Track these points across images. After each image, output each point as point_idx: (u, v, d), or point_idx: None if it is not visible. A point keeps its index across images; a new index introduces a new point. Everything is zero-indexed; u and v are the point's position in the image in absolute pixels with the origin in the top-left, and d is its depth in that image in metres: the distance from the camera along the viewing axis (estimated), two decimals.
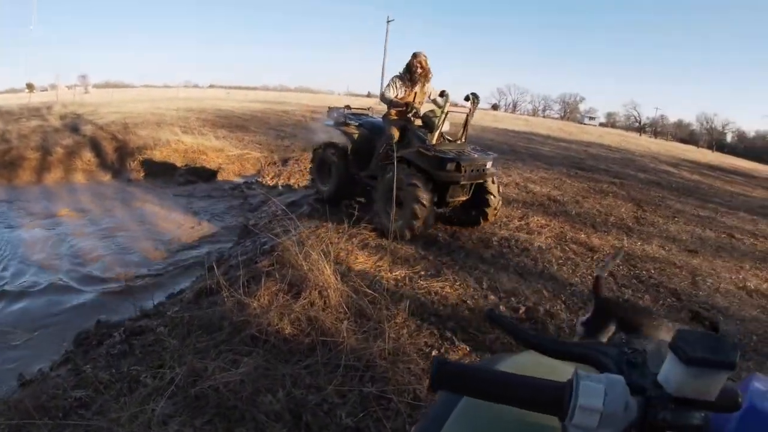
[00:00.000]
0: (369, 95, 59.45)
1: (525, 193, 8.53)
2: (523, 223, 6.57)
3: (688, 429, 0.63)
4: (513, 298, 4.34)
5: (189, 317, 3.60)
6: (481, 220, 6.07)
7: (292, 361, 3.09)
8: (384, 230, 5.26)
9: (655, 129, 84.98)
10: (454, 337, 3.54)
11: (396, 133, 5.90)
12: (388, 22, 42.28)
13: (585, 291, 4.78)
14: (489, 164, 5.70)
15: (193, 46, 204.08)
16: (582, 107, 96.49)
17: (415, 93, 6.01)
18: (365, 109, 7.53)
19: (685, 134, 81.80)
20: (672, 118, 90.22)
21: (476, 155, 5.62)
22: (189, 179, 10.66)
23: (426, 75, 5.99)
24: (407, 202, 5.30)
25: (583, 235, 6.50)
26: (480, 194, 5.95)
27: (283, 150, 12.03)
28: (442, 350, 3.36)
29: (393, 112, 6.04)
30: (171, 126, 14.26)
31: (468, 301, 4.20)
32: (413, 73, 5.87)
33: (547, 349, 0.78)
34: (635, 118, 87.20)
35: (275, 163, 10.76)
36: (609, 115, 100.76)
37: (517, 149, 14.83)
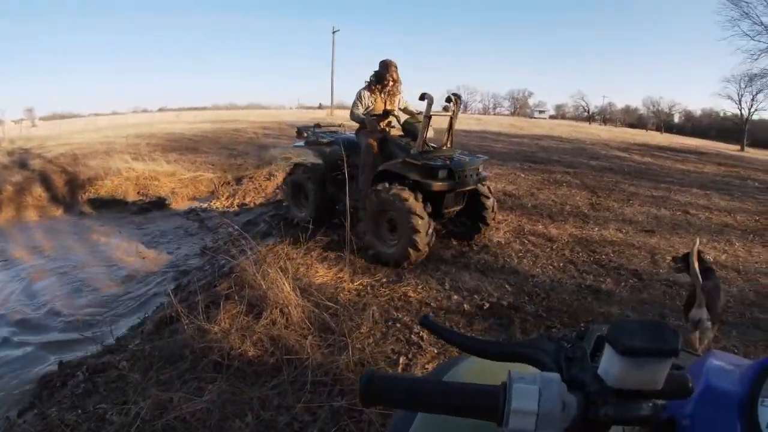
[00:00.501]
0: (320, 107, 59.29)
1: None
2: None
3: (635, 421, 0.61)
4: (476, 296, 4.37)
5: (151, 349, 3.51)
6: (481, 227, 5.73)
7: (259, 383, 3.03)
8: (387, 260, 4.95)
9: (604, 117, 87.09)
10: (420, 342, 3.52)
11: (374, 146, 5.49)
12: (333, 32, 42.40)
13: (546, 281, 4.84)
14: (481, 168, 5.47)
15: (142, 71, 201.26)
16: (531, 102, 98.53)
17: (385, 103, 5.69)
18: (336, 126, 7.17)
19: (633, 119, 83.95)
20: (619, 105, 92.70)
21: (467, 159, 5.29)
22: (142, 207, 10.40)
23: (397, 85, 5.71)
24: (403, 222, 4.85)
25: (540, 227, 6.59)
26: (474, 200, 5.63)
27: (236, 169, 11.87)
28: (410, 356, 3.34)
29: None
30: (121, 154, 13.92)
31: (432, 303, 4.20)
32: (385, 84, 5.60)
33: (483, 352, 0.75)
34: (584, 107, 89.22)
35: (229, 183, 10.61)
36: (558, 107, 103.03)
37: (470, 148, 14.80)
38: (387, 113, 5.68)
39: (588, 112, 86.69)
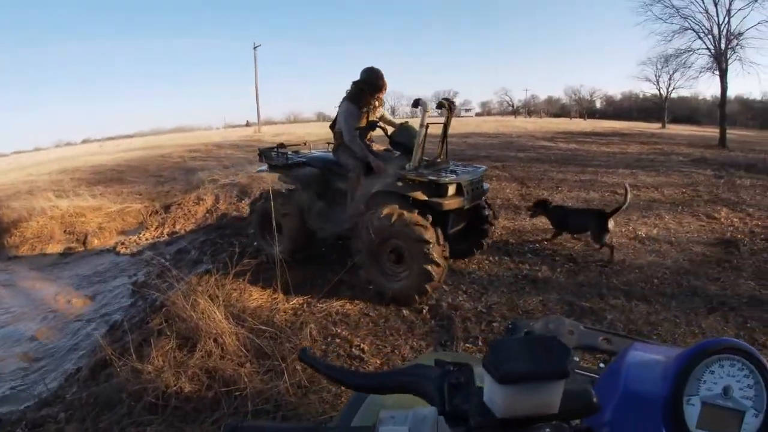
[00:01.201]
0: (248, 124, 58.43)
1: None
2: None
3: None
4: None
5: (87, 396, 3.34)
6: (483, 243, 5.34)
7: (199, 420, 2.92)
8: (396, 297, 4.33)
9: (528, 109, 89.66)
10: (362, 355, 3.50)
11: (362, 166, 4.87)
12: (254, 48, 41.92)
13: (483, 276, 4.89)
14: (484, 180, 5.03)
15: (62, 102, 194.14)
16: (457, 101, 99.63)
17: (367, 115, 5.07)
18: (300, 144, 6.40)
19: (556, 109, 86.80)
20: (542, 96, 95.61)
21: (470, 170, 4.82)
22: (69, 246, 9.99)
23: (383, 95, 5.15)
24: (412, 251, 4.19)
25: None
26: (474, 214, 5.13)
27: (164, 196, 11.51)
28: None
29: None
30: (45, 192, 13.30)
31: (371, 314, 4.18)
32: (371, 96, 4.97)
33: (363, 386, 0.68)
34: (508, 102, 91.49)
35: (158, 212, 10.26)
36: (484, 104, 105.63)
37: None
38: (373, 125, 5.10)
39: (513, 107, 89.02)
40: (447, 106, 4.70)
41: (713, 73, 23.17)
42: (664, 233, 6.39)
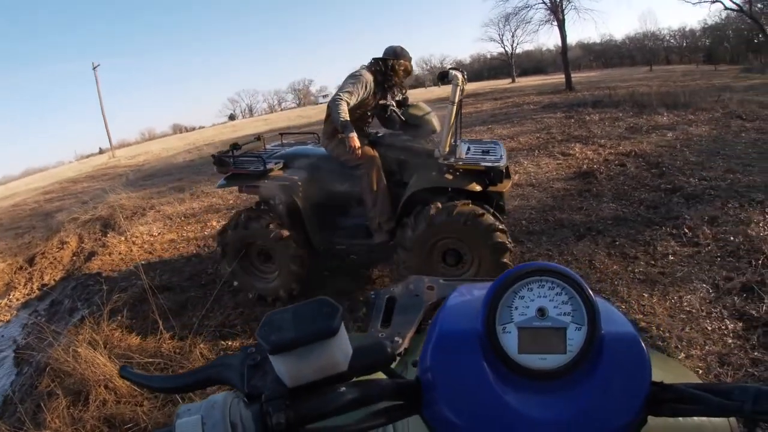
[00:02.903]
0: (101, 151, 54.93)
1: None
2: None
3: (333, 412, 0.56)
4: None
5: None
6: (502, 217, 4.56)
7: None
8: None
9: None
10: None
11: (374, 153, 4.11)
12: (94, 68, 39.45)
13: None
14: None
15: None
16: (313, 89, 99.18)
17: (377, 97, 4.33)
18: (254, 139, 5.22)
19: (410, 81, 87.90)
20: None
21: (496, 146, 4.37)
22: None
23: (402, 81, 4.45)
24: (480, 245, 3.73)
25: None
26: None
27: (26, 248, 10.68)
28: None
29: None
30: None
31: (259, 317, 4.19)
32: (394, 77, 4.24)
33: (178, 388, 0.64)
34: None
35: (23, 267, 9.56)
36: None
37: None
38: (385, 108, 4.38)
39: None
40: (462, 78, 3.94)
41: (552, 24, 25.01)
42: (525, 177, 6.86)
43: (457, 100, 3.85)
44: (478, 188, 3.81)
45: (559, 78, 27.89)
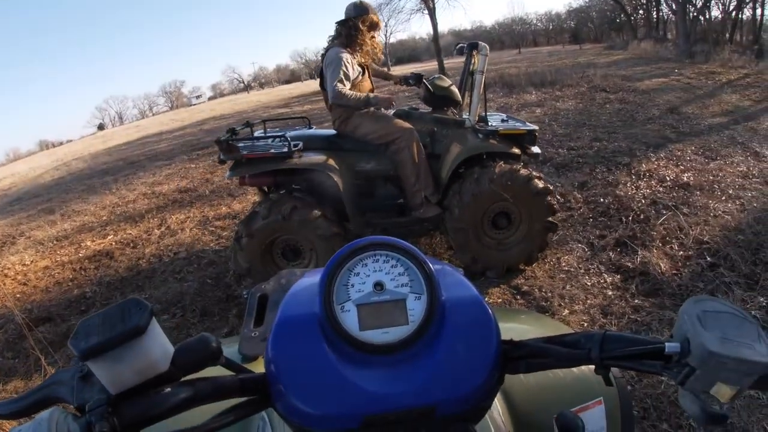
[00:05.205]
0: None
1: (156, 197, 8.06)
2: (164, 229, 6.16)
3: (192, 403, 0.56)
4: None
5: None
6: None
7: None
8: (509, 264, 3.83)
9: (260, 82, 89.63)
10: None
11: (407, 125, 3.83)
12: None
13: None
14: None
15: None
16: (186, 90, 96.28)
17: (364, 68, 3.97)
18: (242, 126, 4.18)
19: (287, 76, 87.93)
20: (271, 67, 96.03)
21: (505, 116, 4.26)
22: None
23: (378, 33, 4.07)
24: (531, 206, 3.72)
25: (224, 208, 6.50)
26: None
27: None
28: None
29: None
30: None
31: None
32: (363, 36, 3.84)
33: (13, 413, 0.56)
34: (238, 80, 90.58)
35: None
36: (214, 86, 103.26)
37: (134, 160, 13.88)
38: (419, 79, 4.14)
39: (244, 83, 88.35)
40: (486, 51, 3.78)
41: (423, 13, 25.67)
42: None
43: (485, 69, 3.77)
44: (518, 152, 3.81)
45: (432, 65, 28.61)
